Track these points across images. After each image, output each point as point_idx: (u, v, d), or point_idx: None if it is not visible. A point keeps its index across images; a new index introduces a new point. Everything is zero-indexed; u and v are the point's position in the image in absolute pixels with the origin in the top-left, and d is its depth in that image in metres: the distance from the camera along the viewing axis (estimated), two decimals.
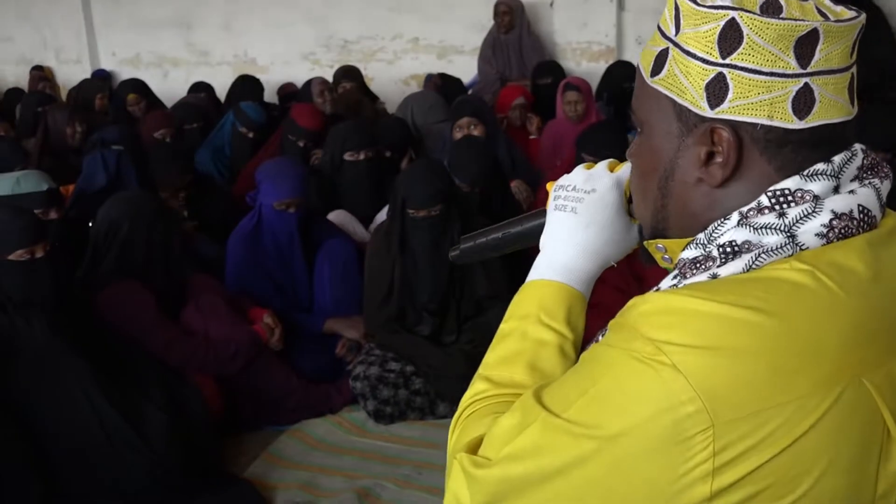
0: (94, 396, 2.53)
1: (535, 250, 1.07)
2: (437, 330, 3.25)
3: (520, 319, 0.99)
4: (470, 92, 5.91)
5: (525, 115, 5.00)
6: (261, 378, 3.06)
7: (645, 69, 0.85)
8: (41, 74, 7.44)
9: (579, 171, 1.05)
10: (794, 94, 0.76)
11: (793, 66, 0.75)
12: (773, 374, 0.70)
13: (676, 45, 0.80)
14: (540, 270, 1.02)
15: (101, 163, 3.71)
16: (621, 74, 5.24)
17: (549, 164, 4.64)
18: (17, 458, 2.39)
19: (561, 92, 4.81)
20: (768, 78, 0.76)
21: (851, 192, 0.78)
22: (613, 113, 5.05)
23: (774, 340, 0.71)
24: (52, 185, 3.26)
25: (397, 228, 3.16)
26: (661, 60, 0.82)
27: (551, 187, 1.06)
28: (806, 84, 0.76)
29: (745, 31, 0.75)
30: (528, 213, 1.11)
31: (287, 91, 6.27)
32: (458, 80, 5.98)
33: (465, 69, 6.58)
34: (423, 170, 3.23)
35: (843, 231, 0.77)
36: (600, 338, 0.81)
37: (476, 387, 0.97)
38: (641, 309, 0.75)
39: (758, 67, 0.76)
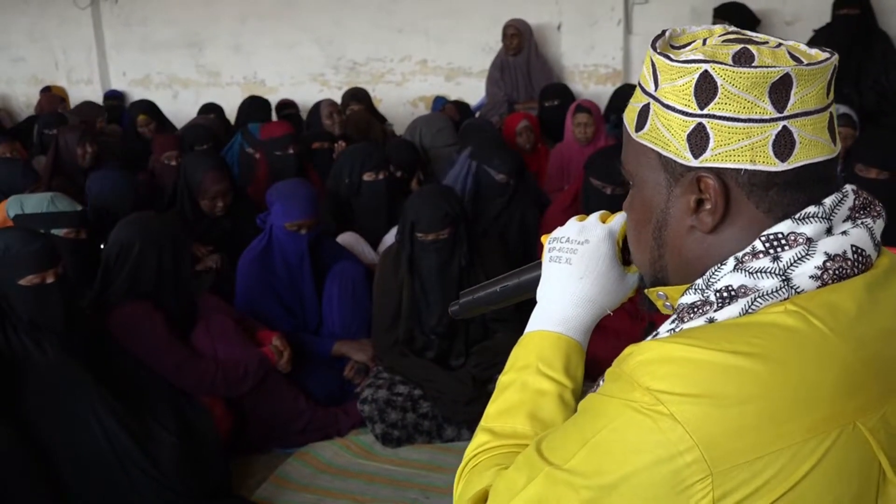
0: (104, 419, 2.54)
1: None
2: (445, 353, 3.26)
3: (519, 371, 1.01)
4: (477, 114, 5.95)
5: (532, 135, 5.02)
6: (269, 400, 3.07)
7: (630, 125, 0.88)
8: (51, 95, 7.50)
9: (572, 223, 1.07)
10: (773, 137, 0.78)
11: (769, 111, 0.78)
12: (768, 421, 0.71)
13: (656, 99, 0.83)
14: (537, 322, 1.04)
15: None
16: (630, 97, 5.26)
17: (556, 187, 4.65)
18: (28, 479, 2.40)
19: (572, 113, 4.83)
20: (746, 124, 0.78)
21: (844, 232, 0.80)
22: (622, 136, 5.07)
23: (767, 388, 0.72)
24: (84, 209, 3.34)
25: (406, 252, 3.18)
26: (643, 115, 0.85)
27: (546, 240, 1.09)
28: (784, 127, 0.78)
29: (719, 81, 0.78)
30: (524, 267, 1.14)
31: (282, 102, 6.32)
32: (466, 105, 6.02)
33: (473, 91, 6.63)
34: (432, 194, 3.25)
35: (837, 272, 0.78)
36: (599, 384, 0.82)
37: (479, 439, 0.99)
38: (639, 359, 0.76)
39: (735, 115, 0.78)
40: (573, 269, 1.03)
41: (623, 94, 5.58)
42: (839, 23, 5.14)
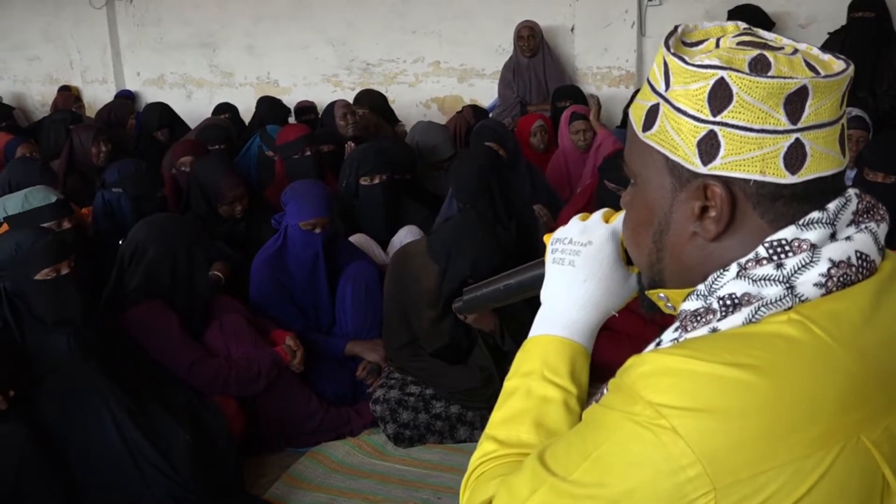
0: (118, 416, 2.55)
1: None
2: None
3: (523, 376, 0.99)
4: (490, 115, 5.94)
5: (546, 136, 5.01)
6: (282, 400, 3.08)
7: (636, 123, 0.85)
8: (68, 94, 7.54)
9: (575, 222, 1.06)
10: (785, 149, 0.76)
11: (783, 122, 0.76)
12: (770, 435, 0.71)
13: (667, 101, 0.81)
14: (542, 326, 1.03)
15: (102, 205, 3.69)
16: None
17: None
18: (42, 475, 2.42)
19: (566, 122, 4.75)
20: (759, 135, 0.76)
21: (848, 238, 0.79)
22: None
23: (769, 401, 0.71)
24: (59, 196, 3.30)
25: (446, 291, 3.05)
26: (652, 115, 0.82)
27: (549, 239, 1.07)
28: (797, 139, 0.76)
29: (735, 90, 0.76)
30: (527, 265, 1.13)
31: (302, 106, 6.28)
32: (482, 110, 6.01)
33: (486, 92, 6.64)
34: (490, 241, 3.07)
35: (841, 279, 0.77)
36: (602, 393, 0.82)
37: (484, 447, 0.98)
38: (640, 370, 0.75)
39: (748, 125, 0.76)
40: (577, 271, 1.01)
41: None
42: (854, 26, 5.13)
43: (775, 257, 0.78)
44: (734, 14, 5.43)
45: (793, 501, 0.70)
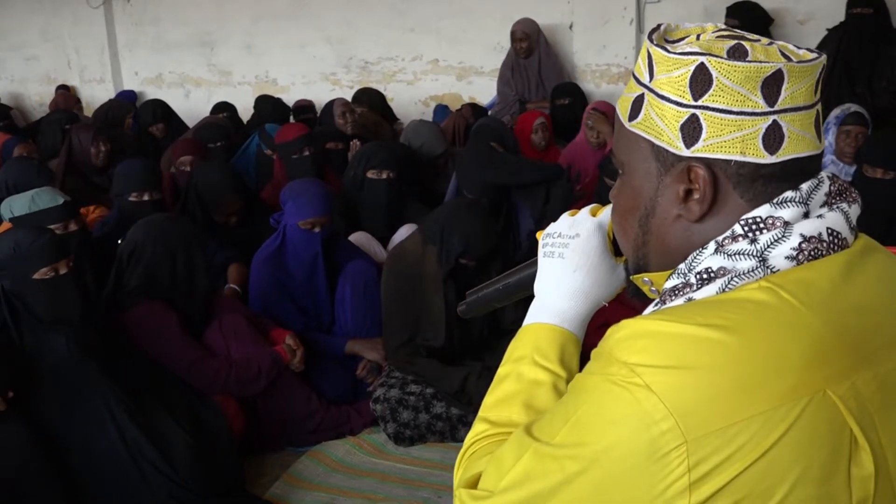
0: (118, 416, 2.55)
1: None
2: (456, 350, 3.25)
3: (515, 362, 1.04)
4: (489, 113, 5.93)
5: (547, 133, 5.01)
6: (282, 399, 3.08)
7: (623, 114, 0.90)
8: (68, 94, 7.53)
9: (564, 218, 1.11)
10: (763, 131, 0.81)
11: (761, 104, 0.80)
12: (738, 389, 0.74)
13: (651, 90, 0.85)
14: (533, 315, 1.08)
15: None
16: None
17: None
18: (42, 476, 2.41)
19: (587, 115, 4.79)
20: (738, 117, 0.81)
21: (820, 216, 0.83)
22: None
23: (738, 357, 0.75)
24: (66, 198, 3.32)
25: (443, 273, 3.12)
26: (637, 105, 0.87)
27: (540, 236, 1.12)
28: (774, 121, 0.81)
29: (714, 74, 0.80)
30: (523, 265, 1.18)
31: (300, 104, 6.25)
32: (481, 108, 6.00)
33: (485, 90, 6.63)
34: (483, 221, 3.15)
35: (812, 253, 0.81)
36: None
37: (477, 427, 1.03)
38: (617, 336, 0.79)
39: (728, 107, 0.80)
40: (566, 262, 1.06)
41: None
42: (853, 22, 5.12)
43: (750, 234, 0.82)
44: (733, 10, 5.42)
45: (763, 451, 0.73)
